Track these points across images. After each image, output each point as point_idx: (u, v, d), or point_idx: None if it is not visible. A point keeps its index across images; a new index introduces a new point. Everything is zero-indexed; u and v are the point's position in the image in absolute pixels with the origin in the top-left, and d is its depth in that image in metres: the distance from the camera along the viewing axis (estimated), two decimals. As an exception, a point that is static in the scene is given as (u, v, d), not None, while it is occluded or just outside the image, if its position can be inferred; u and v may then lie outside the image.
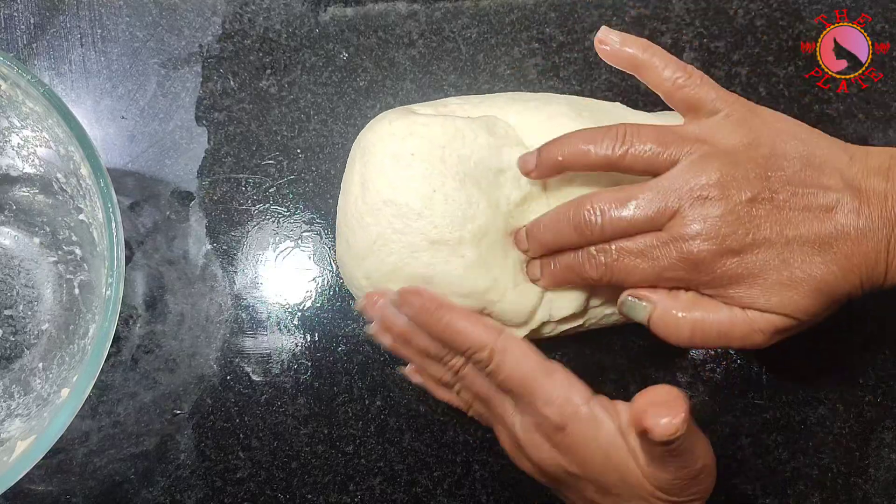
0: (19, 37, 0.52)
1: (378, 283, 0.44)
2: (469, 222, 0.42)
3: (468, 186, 0.42)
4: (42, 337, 0.49)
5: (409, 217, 0.42)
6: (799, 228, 0.38)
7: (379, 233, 0.43)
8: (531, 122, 0.44)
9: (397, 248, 0.43)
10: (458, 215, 0.42)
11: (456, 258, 0.42)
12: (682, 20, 0.53)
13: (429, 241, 0.42)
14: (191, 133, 0.51)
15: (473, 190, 0.42)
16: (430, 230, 0.42)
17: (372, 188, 0.43)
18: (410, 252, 0.42)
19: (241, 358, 0.50)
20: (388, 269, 0.43)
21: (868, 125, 0.52)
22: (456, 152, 0.42)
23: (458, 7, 0.53)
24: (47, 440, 0.37)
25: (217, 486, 0.49)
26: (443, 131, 0.43)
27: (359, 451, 0.50)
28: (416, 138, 0.42)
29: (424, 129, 0.43)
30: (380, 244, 0.43)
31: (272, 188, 0.51)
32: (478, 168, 0.42)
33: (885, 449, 0.50)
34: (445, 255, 0.42)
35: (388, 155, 0.43)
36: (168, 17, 0.52)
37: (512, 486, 0.50)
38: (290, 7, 0.53)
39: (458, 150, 0.42)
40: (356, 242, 0.44)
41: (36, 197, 0.50)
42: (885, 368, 0.51)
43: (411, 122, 0.43)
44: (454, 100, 0.47)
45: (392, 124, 0.43)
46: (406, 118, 0.44)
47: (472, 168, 0.42)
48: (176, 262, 0.51)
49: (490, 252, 0.42)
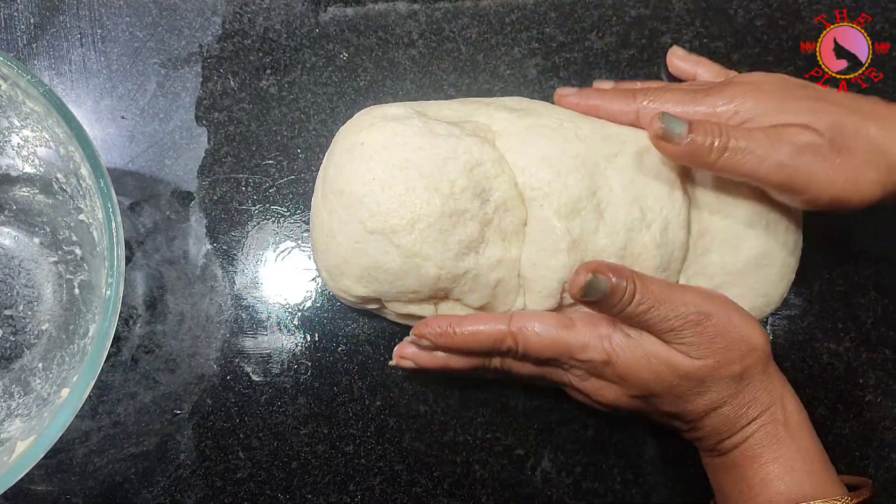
0: (19, 37, 0.52)
1: (334, 276, 0.45)
2: (403, 209, 0.42)
3: (408, 172, 0.42)
4: (42, 337, 0.49)
5: (352, 206, 0.42)
6: None
7: (329, 224, 0.44)
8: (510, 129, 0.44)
9: (343, 238, 0.43)
10: (394, 202, 0.42)
11: (392, 247, 0.42)
12: (682, 20, 0.53)
13: (367, 231, 0.42)
14: (191, 133, 0.51)
15: (413, 175, 0.42)
16: (367, 219, 0.42)
17: (328, 180, 0.44)
18: (353, 242, 0.43)
19: (241, 358, 0.50)
20: (338, 261, 0.44)
21: (868, 125, 0.52)
22: (404, 141, 0.42)
23: (458, 7, 0.53)
24: (47, 440, 0.37)
25: (217, 486, 0.49)
26: (400, 124, 0.43)
27: (359, 451, 0.50)
28: (371, 130, 0.43)
29: (381, 122, 0.43)
30: (330, 236, 0.44)
31: (272, 188, 0.51)
32: (423, 155, 0.42)
33: (885, 449, 0.50)
34: (383, 245, 0.42)
35: (344, 146, 0.44)
36: (168, 17, 0.52)
37: (512, 487, 0.50)
38: (290, 7, 0.53)
39: (408, 139, 0.42)
40: (315, 236, 0.46)
41: (36, 197, 0.50)
42: (885, 368, 0.51)
43: (375, 115, 0.44)
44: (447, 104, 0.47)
45: (356, 117, 0.45)
46: (372, 111, 0.44)
47: (416, 155, 0.42)
48: (176, 262, 0.51)
49: (426, 240, 0.42)
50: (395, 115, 0.44)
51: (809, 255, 0.51)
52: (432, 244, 0.42)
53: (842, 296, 0.52)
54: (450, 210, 0.42)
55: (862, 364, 0.51)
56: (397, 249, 0.42)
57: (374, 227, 0.42)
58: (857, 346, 0.51)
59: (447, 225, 0.42)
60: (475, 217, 0.42)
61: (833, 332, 0.51)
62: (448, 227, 0.42)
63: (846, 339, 0.51)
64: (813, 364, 0.51)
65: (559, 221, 0.42)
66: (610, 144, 0.44)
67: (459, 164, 0.42)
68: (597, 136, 0.44)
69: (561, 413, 0.50)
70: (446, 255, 0.42)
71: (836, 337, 0.51)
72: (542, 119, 0.45)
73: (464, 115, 0.45)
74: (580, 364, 0.42)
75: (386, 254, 0.42)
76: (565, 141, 0.43)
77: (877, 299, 0.52)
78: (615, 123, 0.46)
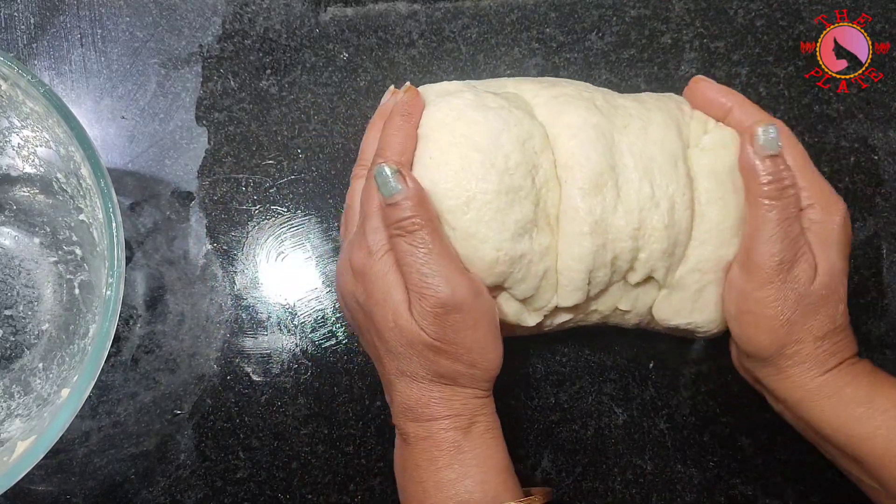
0: (19, 37, 0.52)
1: None
2: (458, 188, 0.40)
3: (463, 148, 0.41)
4: (42, 337, 0.49)
5: None
6: None
7: None
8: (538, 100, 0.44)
9: None
10: (449, 182, 0.40)
11: (449, 230, 0.41)
12: (682, 20, 0.53)
13: None
14: (191, 133, 0.51)
15: (469, 150, 0.41)
16: None
17: None
18: None
19: (241, 358, 0.50)
20: None
21: (868, 125, 0.52)
22: (458, 115, 0.41)
23: (458, 7, 0.53)
24: (47, 440, 0.37)
25: (217, 486, 0.49)
26: (454, 97, 0.42)
27: (359, 451, 0.50)
28: (427, 108, 0.42)
29: (435, 98, 0.43)
30: None
31: (272, 188, 0.51)
32: (478, 130, 0.41)
33: (885, 449, 0.50)
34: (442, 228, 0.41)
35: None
36: (168, 17, 0.52)
37: (512, 486, 0.50)
38: (290, 7, 0.53)
39: (462, 112, 0.41)
40: None
41: (36, 197, 0.50)
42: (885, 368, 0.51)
43: (428, 93, 0.43)
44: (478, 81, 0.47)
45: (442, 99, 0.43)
46: (426, 90, 0.44)
47: (471, 129, 0.41)
48: (176, 262, 0.51)
49: (482, 219, 0.40)
50: (447, 90, 0.43)
51: (809, 255, 0.51)
52: (489, 224, 0.40)
53: (842, 296, 0.52)
54: (506, 187, 0.40)
55: (862, 364, 0.51)
56: (454, 233, 0.40)
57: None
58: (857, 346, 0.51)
59: (504, 203, 0.40)
60: (528, 196, 0.41)
61: (833, 332, 0.51)
62: (505, 205, 0.40)
63: (846, 339, 0.51)
64: (813, 364, 0.51)
65: (582, 200, 0.41)
66: (620, 115, 0.43)
67: (513, 137, 0.41)
68: (609, 105, 0.44)
69: (561, 413, 0.50)
70: (503, 237, 0.40)
71: (836, 337, 0.51)
72: (565, 88, 0.44)
73: (498, 88, 0.45)
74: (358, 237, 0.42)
75: (448, 231, 0.41)
76: (587, 110, 0.42)
77: (877, 299, 0.52)
78: (619, 95, 0.45)
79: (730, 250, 0.43)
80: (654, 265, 0.43)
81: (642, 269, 0.43)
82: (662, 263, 0.43)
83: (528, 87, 0.45)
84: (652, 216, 0.42)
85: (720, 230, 0.43)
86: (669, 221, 0.42)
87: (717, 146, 0.44)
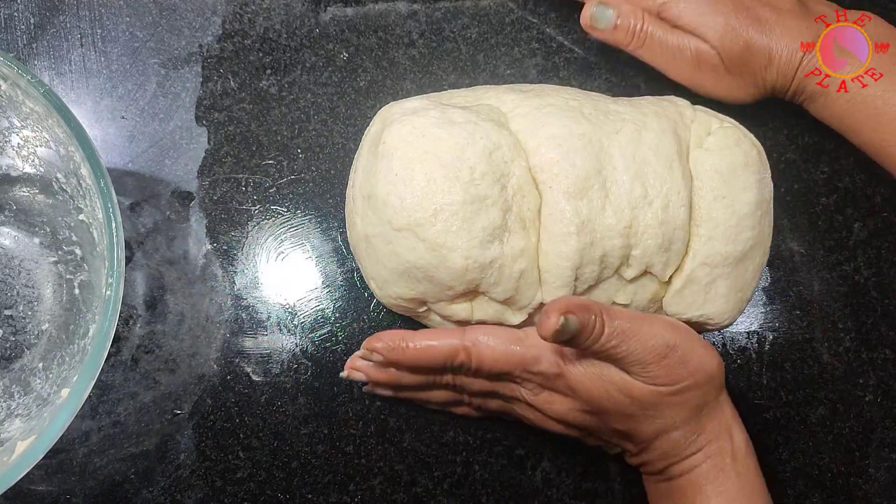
0: (19, 37, 0.52)
1: (380, 284, 0.45)
2: (425, 201, 0.41)
3: (427, 164, 0.42)
4: (42, 337, 0.49)
5: (378, 208, 0.43)
6: None
7: (364, 230, 0.44)
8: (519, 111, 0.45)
9: (377, 242, 0.43)
10: (416, 196, 0.41)
11: (419, 242, 0.42)
12: (682, 20, 0.53)
13: (395, 230, 0.42)
14: (191, 133, 0.51)
15: (433, 166, 0.42)
16: (392, 217, 0.42)
17: (356, 185, 0.45)
18: (385, 244, 0.43)
19: (241, 358, 0.50)
20: (378, 268, 0.44)
21: (868, 125, 0.52)
22: (422, 133, 0.42)
23: (458, 7, 0.53)
24: (47, 440, 0.37)
25: (217, 486, 0.49)
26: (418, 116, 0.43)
27: (359, 451, 0.50)
28: (391, 127, 0.43)
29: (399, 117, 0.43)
30: (367, 242, 0.44)
31: (272, 188, 0.51)
32: (442, 145, 0.42)
33: (885, 449, 0.50)
34: (411, 242, 0.42)
35: (367, 149, 0.45)
36: (168, 17, 0.52)
37: (512, 487, 0.50)
38: (290, 7, 0.53)
39: (426, 130, 0.42)
40: (353, 245, 0.47)
41: (36, 197, 0.50)
42: (885, 368, 0.51)
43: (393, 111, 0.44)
44: (458, 92, 0.48)
45: (376, 116, 0.45)
46: (391, 108, 0.45)
47: (435, 146, 0.42)
48: (176, 262, 0.51)
49: (450, 229, 0.41)
50: (413, 109, 0.44)
51: (810, 255, 0.51)
52: (456, 234, 0.41)
53: (842, 296, 0.52)
54: (471, 197, 0.41)
55: (862, 364, 0.51)
56: (423, 244, 0.42)
57: (401, 225, 0.42)
58: (857, 346, 0.51)
59: (469, 212, 0.41)
60: (496, 203, 0.42)
61: (833, 332, 0.51)
62: (470, 214, 0.41)
63: (846, 339, 0.51)
64: (813, 364, 0.51)
65: (567, 203, 0.42)
66: (611, 121, 0.44)
67: (478, 150, 0.42)
68: (599, 112, 0.44)
69: (561, 413, 0.50)
70: (471, 244, 0.41)
71: (836, 337, 0.51)
72: (549, 99, 0.45)
73: (474, 101, 0.46)
74: (533, 377, 0.42)
75: (414, 251, 0.42)
76: (572, 120, 0.43)
77: (877, 299, 0.52)
78: (613, 99, 0.46)
79: (737, 246, 0.44)
80: (649, 260, 0.43)
81: (638, 265, 0.44)
82: (659, 258, 0.43)
83: (510, 97, 0.45)
84: (645, 214, 0.43)
85: (727, 227, 0.44)
86: (664, 218, 0.43)
87: (720, 147, 0.45)
